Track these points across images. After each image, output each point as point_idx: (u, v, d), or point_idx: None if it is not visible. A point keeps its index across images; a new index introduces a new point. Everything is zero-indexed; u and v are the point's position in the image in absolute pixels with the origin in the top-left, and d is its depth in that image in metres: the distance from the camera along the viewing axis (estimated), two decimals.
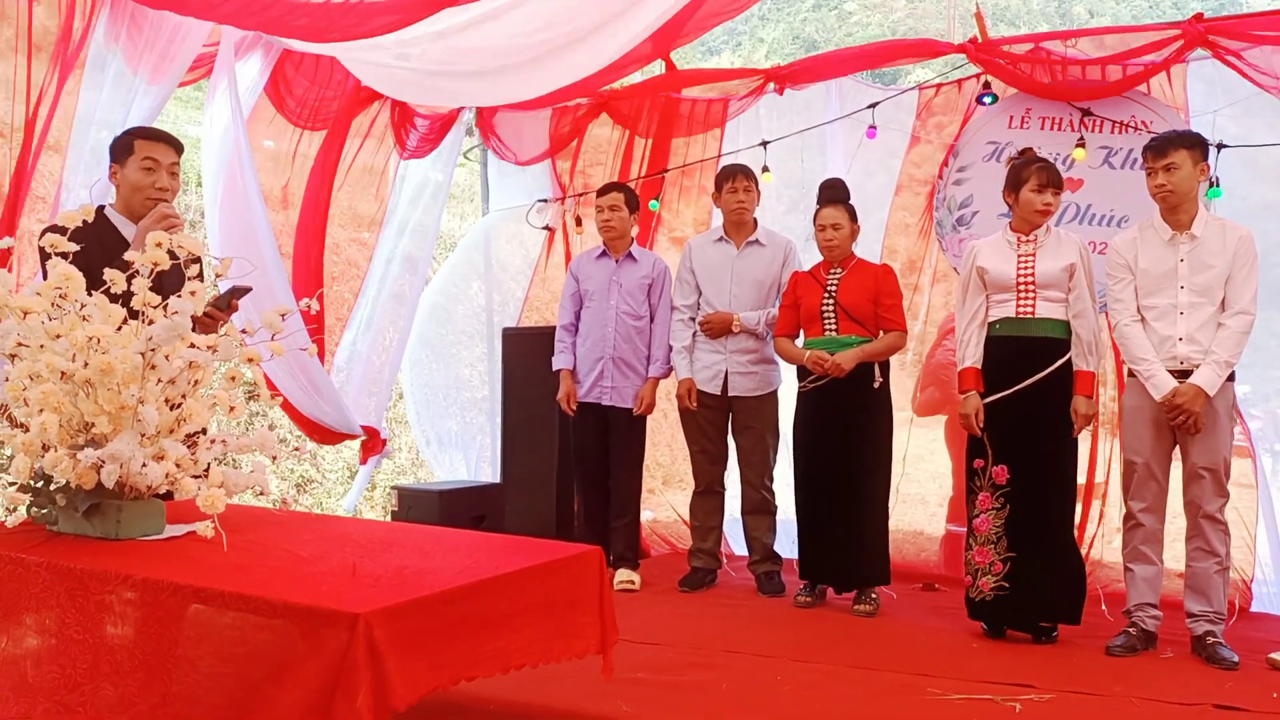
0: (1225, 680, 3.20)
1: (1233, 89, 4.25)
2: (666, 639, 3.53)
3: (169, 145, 3.15)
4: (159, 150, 3.11)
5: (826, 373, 4.01)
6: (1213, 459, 3.44)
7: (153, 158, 3.09)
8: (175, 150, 3.16)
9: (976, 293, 3.75)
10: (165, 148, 3.13)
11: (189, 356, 2.22)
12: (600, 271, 4.60)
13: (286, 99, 4.92)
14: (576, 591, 2.26)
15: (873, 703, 2.92)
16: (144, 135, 3.17)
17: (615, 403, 4.51)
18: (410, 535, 2.48)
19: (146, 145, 3.11)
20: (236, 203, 4.60)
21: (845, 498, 4.02)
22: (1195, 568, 3.49)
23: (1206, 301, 3.44)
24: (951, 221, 4.79)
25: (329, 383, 5.10)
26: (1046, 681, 3.10)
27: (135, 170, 3.08)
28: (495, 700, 2.73)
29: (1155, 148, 3.53)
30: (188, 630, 1.88)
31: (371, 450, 5.54)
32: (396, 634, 1.77)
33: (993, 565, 3.63)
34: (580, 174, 5.82)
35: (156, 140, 3.14)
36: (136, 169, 3.08)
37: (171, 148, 3.15)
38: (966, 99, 4.85)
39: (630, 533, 4.61)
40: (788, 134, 5.13)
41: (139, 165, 3.08)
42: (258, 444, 2.41)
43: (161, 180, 3.09)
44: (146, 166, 3.08)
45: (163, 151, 3.12)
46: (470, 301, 6.26)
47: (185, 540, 2.23)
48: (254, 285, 3.03)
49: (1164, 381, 3.43)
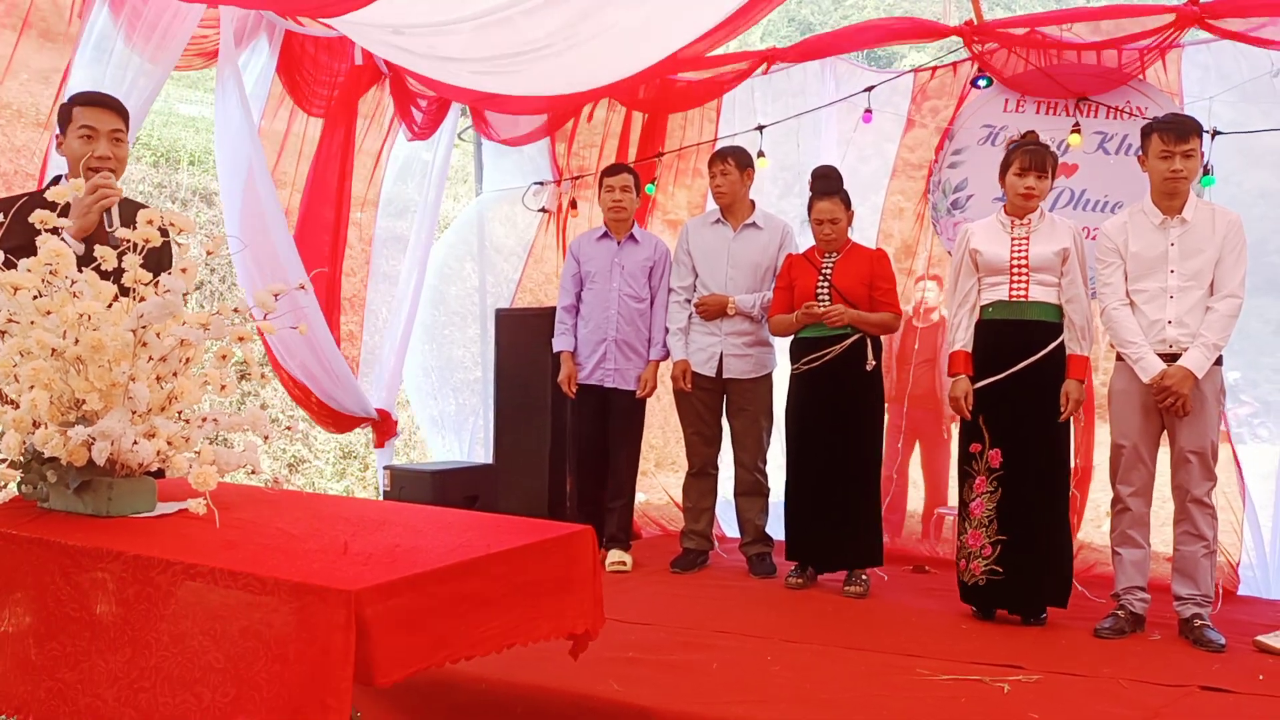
0: (1212, 662, 3.23)
1: (1228, 75, 4.26)
2: (657, 619, 3.55)
3: (109, 110, 2.90)
4: (98, 116, 2.87)
5: (820, 319, 4.00)
6: (1200, 442, 3.45)
7: (90, 125, 2.85)
8: (117, 115, 2.91)
9: (969, 275, 3.75)
10: (105, 113, 2.88)
11: (180, 334, 2.21)
12: (602, 253, 4.59)
13: (299, 83, 4.88)
14: (569, 571, 2.26)
15: (863, 682, 2.93)
16: (83, 101, 2.92)
17: (618, 385, 4.51)
18: (402, 514, 2.48)
19: (84, 112, 2.87)
20: (249, 188, 4.60)
21: (837, 479, 4.03)
22: (1183, 551, 3.51)
23: (1196, 285, 3.45)
24: (946, 205, 4.79)
25: (344, 365, 5.11)
26: (1035, 662, 3.13)
27: (74, 139, 2.86)
28: (485, 679, 2.75)
29: (1175, 131, 3.45)
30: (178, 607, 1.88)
31: (386, 433, 5.53)
32: (388, 611, 1.77)
33: (984, 548, 3.65)
34: (575, 155, 5.81)
35: (95, 105, 2.89)
36: (75, 137, 2.86)
37: (113, 112, 2.90)
38: (962, 82, 4.85)
39: (624, 515, 4.63)
40: (783, 118, 5.12)
41: (77, 134, 2.86)
42: (249, 422, 2.40)
43: (101, 148, 2.85)
44: (84, 135, 2.85)
45: (102, 117, 2.87)
46: (464, 283, 6.26)
47: (176, 518, 2.22)
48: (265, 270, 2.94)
49: (1152, 364, 3.44)
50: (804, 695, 2.81)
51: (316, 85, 4.97)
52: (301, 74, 4.90)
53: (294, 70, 4.86)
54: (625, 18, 4.25)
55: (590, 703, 2.71)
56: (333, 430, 5.46)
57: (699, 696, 2.76)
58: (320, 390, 5.00)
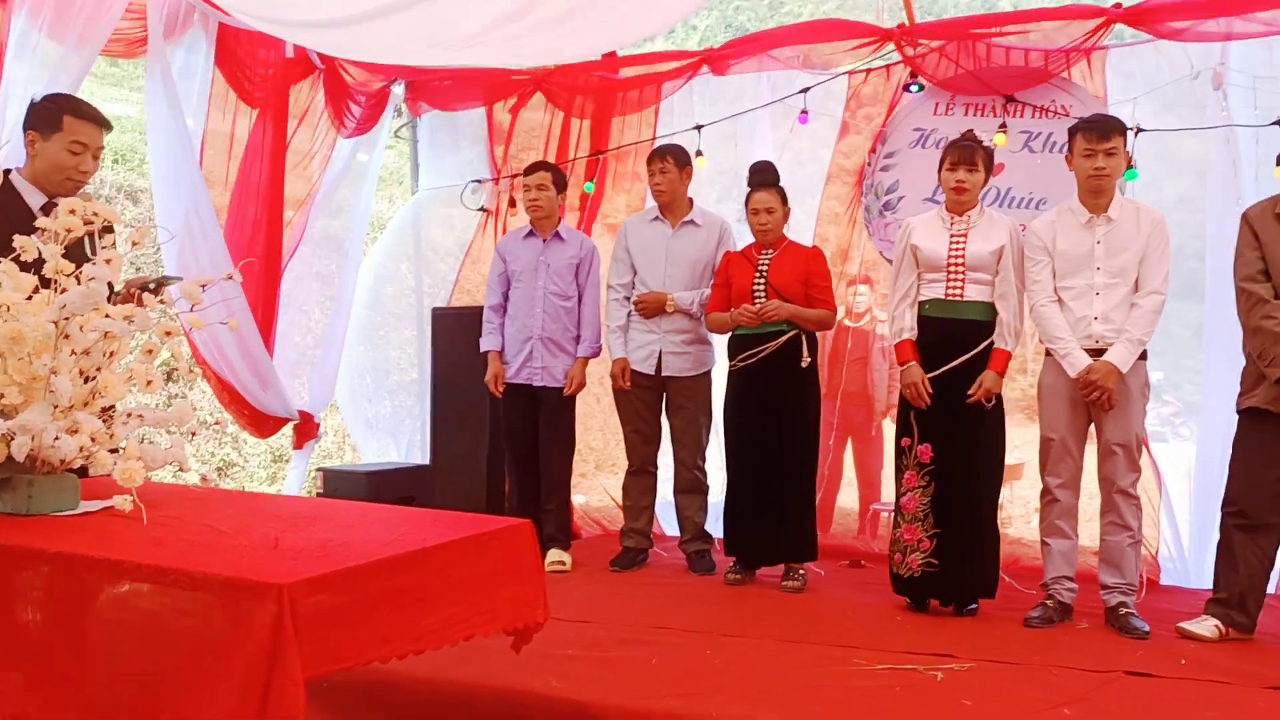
0: (1137, 649, 3.32)
1: (1150, 78, 4.39)
2: (597, 617, 3.54)
3: (101, 127, 2.94)
4: (90, 133, 2.90)
5: (756, 318, 4.02)
6: (1125, 435, 3.55)
7: (82, 141, 2.88)
8: (105, 132, 2.97)
9: (909, 270, 3.79)
10: (97, 130, 2.92)
11: (104, 327, 2.15)
12: (527, 252, 4.57)
13: (238, 77, 4.80)
14: (509, 565, 2.24)
15: (800, 673, 2.96)
16: (77, 113, 2.92)
17: (546, 383, 4.49)
18: (335, 510, 2.45)
19: (78, 125, 2.89)
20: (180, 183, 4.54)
21: (774, 475, 4.06)
22: (1109, 541, 3.60)
23: (1121, 282, 3.54)
24: (879, 206, 4.87)
25: (271, 366, 5.03)
26: (967, 651, 3.18)
27: (60, 149, 2.86)
28: (424, 679, 2.72)
29: (1098, 129, 3.54)
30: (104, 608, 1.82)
31: (306, 435, 5.45)
32: (321, 606, 1.74)
33: (920, 542, 3.70)
34: (514, 158, 5.78)
35: (89, 121, 2.92)
36: (62, 148, 2.86)
37: (103, 130, 2.95)
38: (894, 86, 4.93)
39: (562, 514, 4.60)
40: (720, 119, 5.16)
41: (66, 145, 2.87)
42: (175, 418, 2.35)
43: (86, 163, 2.90)
44: (74, 150, 2.87)
45: (94, 134, 2.91)
46: (400, 283, 6.19)
47: (101, 515, 2.17)
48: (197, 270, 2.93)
49: (1079, 359, 3.53)
50: (742, 687, 2.82)
51: (253, 79, 4.89)
52: (238, 67, 4.81)
53: (230, 64, 4.77)
54: None
55: (530, 699, 2.70)
56: (255, 433, 5.38)
57: (638, 691, 2.77)
58: (246, 390, 4.91)
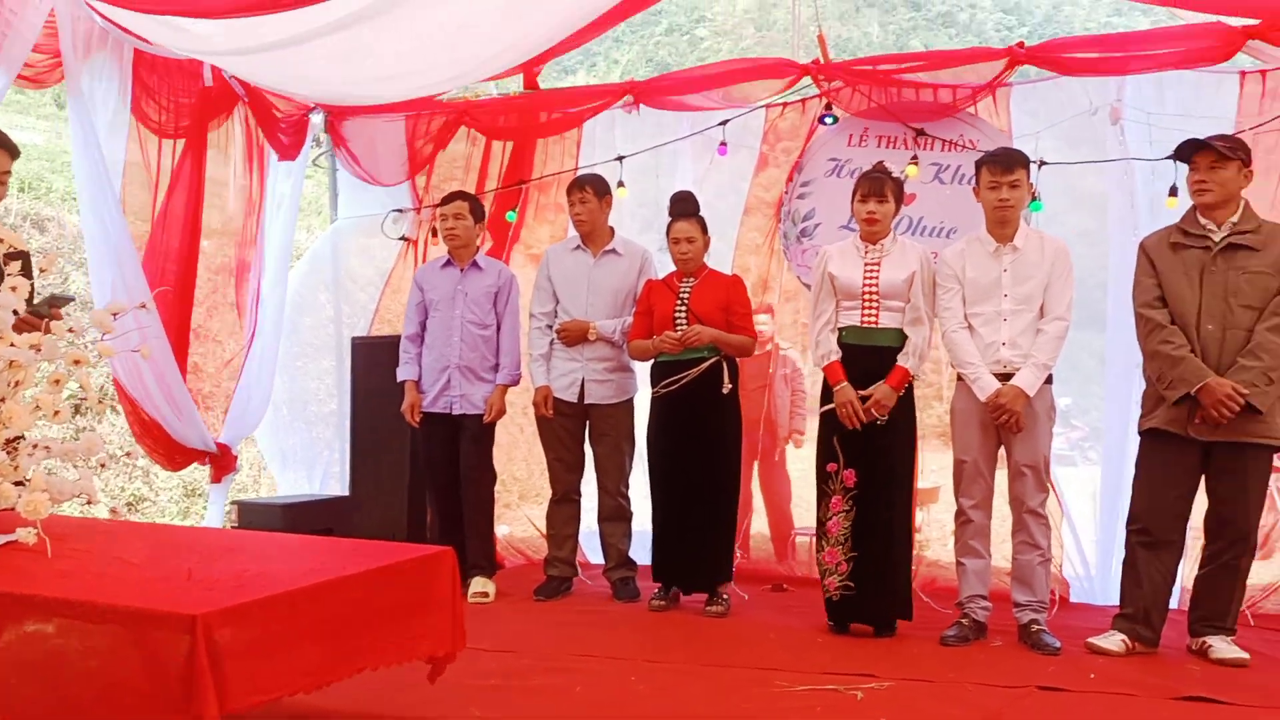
0: (1049, 664, 3.42)
1: (1053, 113, 4.59)
2: (521, 646, 3.52)
3: (9, 153, 2.90)
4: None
5: (679, 344, 4.06)
6: (1033, 457, 3.66)
7: None
8: (13, 156, 2.93)
9: (828, 297, 3.86)
10: (6, 157, 2.89)
11: (9, 355, 2.09)
12: (445, 281, 4.56)
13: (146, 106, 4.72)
14: (427, 593, 2.23)
15: (723, 696, 2.98)
16: None
17: (465, 410, 4.47)
18: (250, 541, 2.41)
19: None
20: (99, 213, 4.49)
21: (697, 500, 4.10)
22: (1020, 560, 3.71)
23: (1027, 309, 3.67)
24: (796, 233, 4.98)
25: (188, 397, 4.93)
26: (886, 671, 3.24)
27: None
28: (341, 712, 2.66)
29: (1001, 162, 3.68)
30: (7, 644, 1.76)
31: (224, 469, 5.32)
32: (237, 637, 1.71)
33: (839, 565, 3.76)
34: (435, 189, 5.76)
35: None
36: None
37: (10, 155, 2.91)
38: (810, 119, 5.06)
39: (485, 543, 4.57)
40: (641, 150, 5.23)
41: None
42: (84, 450, 2.29)
43: None
44: None
45: (2, 160, 2.88)
46: (318, 313, 6.09)
47: (4, 550, 2.09)
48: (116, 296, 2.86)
49: (988, 384, 3.64)
50: (666, 711, 2.84)
51: (168, 108, 4.82)
52: (153, 96, 4.74)
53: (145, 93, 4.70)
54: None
55: None
56: (167, 465, 5.26)
57: (563, 718, 2.75)
58: (164, 420, 4.80)
